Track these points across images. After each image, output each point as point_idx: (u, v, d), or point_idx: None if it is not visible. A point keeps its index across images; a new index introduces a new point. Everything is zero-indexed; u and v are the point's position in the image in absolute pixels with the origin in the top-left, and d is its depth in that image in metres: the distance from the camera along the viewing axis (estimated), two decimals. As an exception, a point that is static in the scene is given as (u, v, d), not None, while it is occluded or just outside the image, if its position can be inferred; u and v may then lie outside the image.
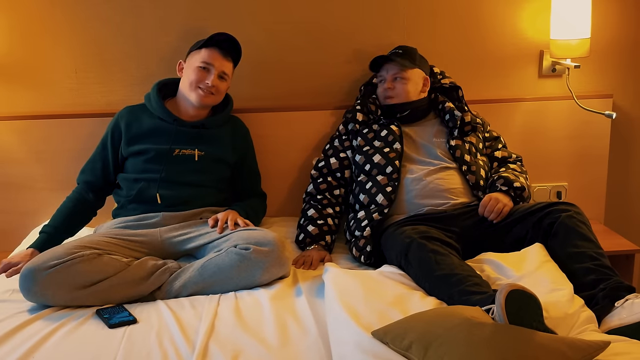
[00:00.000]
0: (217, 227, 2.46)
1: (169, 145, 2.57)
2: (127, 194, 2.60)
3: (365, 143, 2.74)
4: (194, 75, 2.57)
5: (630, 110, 3.20)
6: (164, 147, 2.57)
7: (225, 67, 2.61)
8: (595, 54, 3.03)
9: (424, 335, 1.74)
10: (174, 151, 2.58)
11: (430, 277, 2.21)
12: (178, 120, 2.61)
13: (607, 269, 2.21)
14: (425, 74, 2.80)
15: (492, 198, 2.55)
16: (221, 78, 2.61)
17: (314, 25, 2.96)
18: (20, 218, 2.92)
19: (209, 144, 2.62)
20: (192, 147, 2.59)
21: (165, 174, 2.56)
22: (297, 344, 1.92)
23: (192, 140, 2.61)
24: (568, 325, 1.97)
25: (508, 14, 3.02)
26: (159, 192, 2.55)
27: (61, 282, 2.15)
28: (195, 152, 2.59)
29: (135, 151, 2.59)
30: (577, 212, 2.40)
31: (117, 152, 2.63)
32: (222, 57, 2.60)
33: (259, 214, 2.77)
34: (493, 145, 2.86)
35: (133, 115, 2.64)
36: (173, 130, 2.59)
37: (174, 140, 2.58)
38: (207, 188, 2.62)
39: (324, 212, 2.71)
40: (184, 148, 2.59)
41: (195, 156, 2.59)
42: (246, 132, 2.79)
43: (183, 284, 2.28)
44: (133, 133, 2.61)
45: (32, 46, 2.86)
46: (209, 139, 2.63)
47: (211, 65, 2.57)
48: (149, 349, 1.90)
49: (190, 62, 2.61)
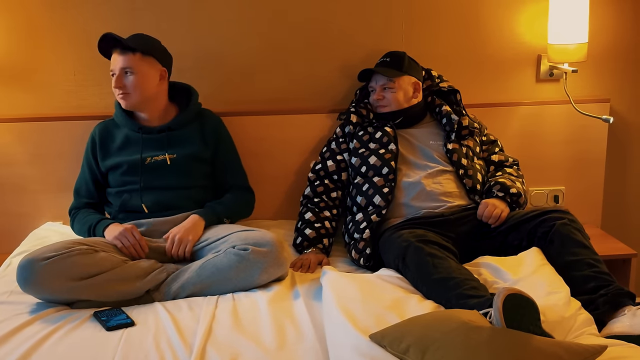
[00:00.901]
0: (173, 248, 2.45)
1: (140, 155, 2.57)
2: (115, 206, 2.61)
3: (361, 145, 2.75)
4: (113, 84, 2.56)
5: (627, 114, 3.21)
6: (135, 158, 2.57)
7: (123, 63, 2.51)
8: (593, 58, 3.04)
9: (422, 339, 1.74)
10: (146, 160, 2.57)
11: (427, 281, 2.21)
12: (143, 128, 2.60)
13: (606, 275, 2.22)
14: (416, 79, 2.78)
15: (489, 204, 2.56)
16: (127, 74, 2.53)
17: (311, 28, 2.96)
18: (17, 220, 2.91)
19: (178, 145, 2.61)
20: (162, 152, 2.59)
21: (143, 183, 2.56)
22: (294, 347, 1.92)
23: (161, 145, 2.60)
24: (565, 328, 1.98)
25: (506, 19, 3.03)
26: (143, 202, 2.56)
27: (58, 273, 2.16)
28: (166, 156, 2.59)
29: (110, 166, 2.61)
30: (571, 220, 2.41)
31: (99, 168, 2.64)
32: (117, 55, 2.53)
33: (235, 208, 2.68)
34: (490, 149, 2.86)
35: (105, 132, 2.66)
36: (140, 139, 2.59)
37: (144, 149, 2.58)
38: (190, 189, 2.61)
39: (321, 215, 2.71)
40: (155, 155, 2.58)
41: (167, 160, 2.59)
42: (216, 124, 2.72)
43: (181, 284, 2.28)
44: (106, 149, 2.63)
45: (30, 48, 2.86)
46: (178, 141, 2.62)
47: (114, 69, 2.54)
48: (147, 352, 1.90)
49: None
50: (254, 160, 2.86)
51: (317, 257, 2.57)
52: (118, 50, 2.53)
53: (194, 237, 2.46)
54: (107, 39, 2.52)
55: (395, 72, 2.74)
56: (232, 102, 2.78)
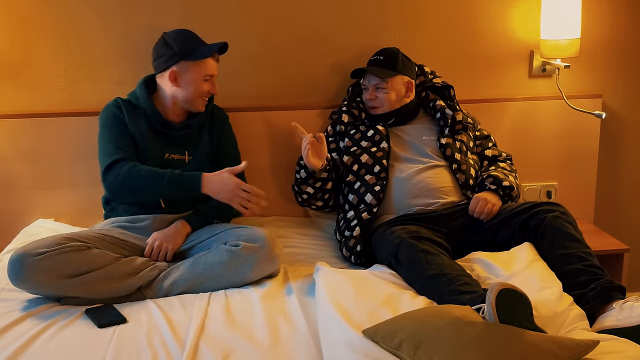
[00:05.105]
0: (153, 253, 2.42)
1: (160, 149, 2.55)
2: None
3: (353, 144, 2.74)
4: (202, 88, 2.53)
5: (620, 110, 3.21)
6: (156, 151, 2.54)
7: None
8: (585, 54, 3.04)
9: (415, 334, 1.74)
10: (164, 155, 2.56)
11: (420, 277, 2.21)
12: (167, 122, 2.58)
13: (597, 269, 2.23)
14: (409, 78, 2.77)
15: (480, 199, 2.56)
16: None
17: (303, 24, 2.95)
18: (8, 217, 2.90)
19: (195, 145, 2.60)
20: (181, 152, 2.57)
21: None
22: (287, 343, 1.92)
23: (181, 144, 2.58)
24: (557, 323, 1.98)
25: (498, 14, 3.03)
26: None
27: (49, 269, 2.15)
28: (185, 156, 2.58)
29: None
30: (562, 212, 2.41)
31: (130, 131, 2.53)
32: (216, 64, 2.59)
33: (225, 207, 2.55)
34: (483, 143, 2.86)
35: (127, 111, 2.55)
36: (162, 134, 2.56)
37: (164, 144, 2.56)
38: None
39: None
40: (174, 152, 2.57)
41: (185, 159, 2.59)
42: (223, 120, 2.73)
43: (173, 281, 2.28)
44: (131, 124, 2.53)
45: (21, 44, 2.85)
46: (195, 140, 2.61)
47: (213, 75, 2.56)
48: (139, 349, 1.89)
49: (192, 73, 2.51)
50: (245, 157, 2.84)
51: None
52: (215, 58, 2.57)
53: (173, 246, 2.43)
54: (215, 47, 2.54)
55: (389, 72, 2.72)
56: (224, 98, 2.77)
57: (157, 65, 2.56)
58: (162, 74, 2.55)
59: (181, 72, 2.52)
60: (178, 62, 2.51)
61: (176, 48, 2.50)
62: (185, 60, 2.51)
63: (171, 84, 2.53)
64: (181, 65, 2.51)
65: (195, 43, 2.55)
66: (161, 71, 2.55)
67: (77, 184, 2.89)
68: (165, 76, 2.53)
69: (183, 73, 2.52)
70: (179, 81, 2.52)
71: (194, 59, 2.51)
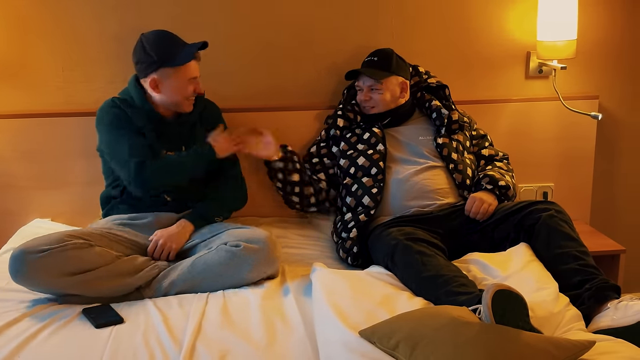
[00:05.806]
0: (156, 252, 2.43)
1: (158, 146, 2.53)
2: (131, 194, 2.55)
3: (349, 147, 2.75)
4: (187, 91, 2.49)
5: (616, 111, 3.22)
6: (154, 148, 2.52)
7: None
8: (582, 55, 3.05)
9: (411, 335, 1.74)
10: (162, 152, 2.55)
11: (417, 279, 2.22)
12: (163, 119, 2.56)
13: (592, 268, 2.23)
14: (403, 78, 2.77)
15: (476, 199, 2.56)
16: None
17: (300, 25, 2.95)
18: (5, 217, 2.89)
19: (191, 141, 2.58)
20: (178, 148, 2.55)
21: None
22: (284, 344, 1.92)
23: (177, 140, 2.57)
24: (553, 324, 1.99)
25: (495, 16, 3.03)
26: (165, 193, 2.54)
27: (50, 267, 2.14)
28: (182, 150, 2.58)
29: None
30: (557, 211, 2.41)
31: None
32: (197, 64, 2.54)
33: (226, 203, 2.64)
34: (480, 143, 2.86)
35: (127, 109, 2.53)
36: (159, 131, 2.55)
37: (161, 141, 2.55)
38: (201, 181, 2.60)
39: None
40: (170, 149, 2.55)
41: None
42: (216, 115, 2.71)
43: (172, 281, 2.28)
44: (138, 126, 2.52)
45: (19, 45, 2.84)
46: (190, 136, 2.60)
47: (196, 77, 2.53)
48: (136, 349, 1.89)
49: (173, 80, 2.47)
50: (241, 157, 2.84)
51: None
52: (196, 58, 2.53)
53: (177, 246, 2.44)
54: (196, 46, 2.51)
55: (383, 73, 2.73)
56: (219, 99, 2.77)
57: (138, 70, 2.52)
58: (144, 80, 2.51)
59: (162, 79, 2.47)
60: (157, 70, 2.46)
61: (154, 56, 2.45)
62: (164, 68, 2.46)
63: (153, 91, 2.50)
64: (161, 72, 2.46)
65: (173, 46, 2.49)
66: (143, 77, 2.51)
67: (74, 184, 2.89)
68: (147, 82, 2.50)
69: (164, 80, 2.47)
70: (160, 88, 2.48)
71: (173, 65, 2.46)
